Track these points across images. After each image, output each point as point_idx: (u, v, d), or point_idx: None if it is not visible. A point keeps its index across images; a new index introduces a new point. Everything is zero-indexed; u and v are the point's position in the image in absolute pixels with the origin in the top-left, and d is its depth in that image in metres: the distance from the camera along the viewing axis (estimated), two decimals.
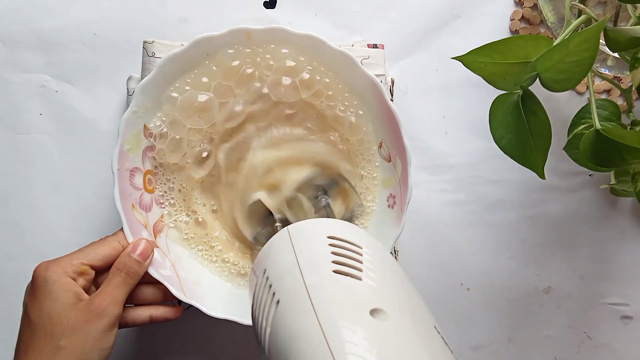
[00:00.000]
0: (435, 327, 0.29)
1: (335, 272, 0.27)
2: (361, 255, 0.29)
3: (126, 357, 0.51)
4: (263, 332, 0.27)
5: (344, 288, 0.26)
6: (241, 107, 0.43)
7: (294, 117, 0.45)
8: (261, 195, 0.43)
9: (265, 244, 0.32)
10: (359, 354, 0.23)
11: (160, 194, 0.45)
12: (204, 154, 0.44)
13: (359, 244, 0.29)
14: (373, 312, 0.25)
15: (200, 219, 0.45)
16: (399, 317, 0.26)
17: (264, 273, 0.28)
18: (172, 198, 0.45)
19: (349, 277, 0.27)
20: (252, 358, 0.51)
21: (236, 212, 0.45)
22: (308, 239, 0.29)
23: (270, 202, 0.43)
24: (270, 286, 0.27)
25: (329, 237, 0.29)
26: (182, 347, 0.51)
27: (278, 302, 0.26)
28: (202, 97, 0.42)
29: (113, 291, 0.40)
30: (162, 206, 0.45)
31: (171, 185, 0.45)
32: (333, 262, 0.27)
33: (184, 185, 0.45)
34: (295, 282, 0.26)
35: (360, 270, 0.27)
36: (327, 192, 0.43)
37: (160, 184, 0.45)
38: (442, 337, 0.29)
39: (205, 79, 0.43)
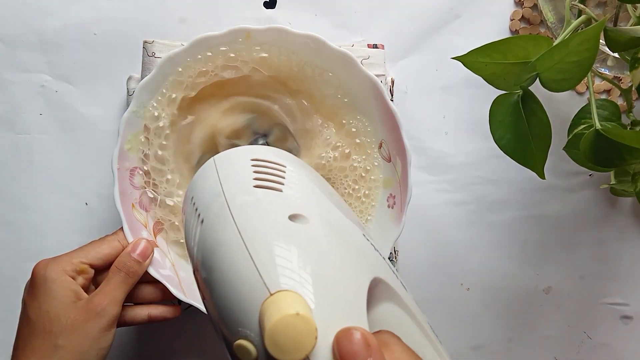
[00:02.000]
0: (364, 235, 0.29)
1: (256, 187, 0.27)
2: (284, 172, 0.29)
3: (126, 357, 0.51)
4: (192, 254, 0.28)
5: (262, 197, 0.27)
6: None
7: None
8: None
9: None
10: (277, 253, 0.24)
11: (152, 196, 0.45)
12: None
13: (282, 162, 0.30)
14: (292, 217, 0.26)
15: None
16: (319, 221, 0.27)
17: (192, 200, 0.29)
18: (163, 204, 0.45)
19: (269, 190, 0.27)
20: None
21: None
22: (231, 162, 0.30)
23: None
24: (197, 209, 0.28)
25: (252, 159, 0.29)
26: (181, 347, 0.51)
27: (202, 221, 0.27)
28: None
29: (112, 291, 0.40)
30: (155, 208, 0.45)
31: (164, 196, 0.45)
32: (255, 179, 0.28)
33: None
34: (216, 199, 0.27)
35: (281, 184, 0.28)
36: (266, 137, 0.45)
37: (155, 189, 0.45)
38: (372, 244, 0.29)
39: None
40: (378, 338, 0.24)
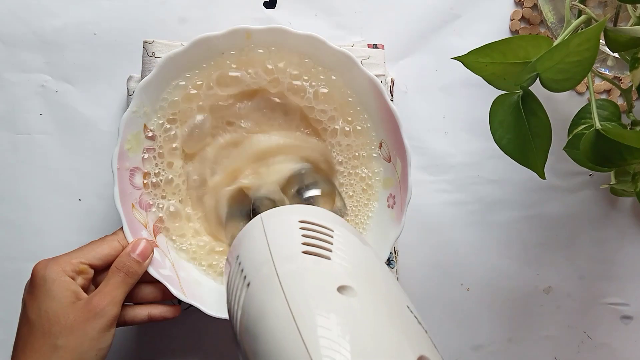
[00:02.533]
0: (408, 307, 0.29)
1: (305, 252, 0.27)
2: (332, 237, 0.29)
3: (125, 357, 0.51)
4: (235, 316, 0.27)
5: (311, 266, 0.26)
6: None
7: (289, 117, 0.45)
8: (245, 181, 0.44)
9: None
10: (324, 325, 0.24)
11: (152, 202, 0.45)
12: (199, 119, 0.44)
13: (330, 226, 0.29)
14: (341, 288, 0.25)
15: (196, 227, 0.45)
16: (367, 293, 0.26)
17: (237, 259, 0.29)
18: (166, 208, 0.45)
19: (317, 257, 0.27)
20: None
21: (219, 207, 0.45)
22: (279, 222, 0.29)
23: (252, 191, 0.44)
24: (242, 271, 0.28)
25: (300, 221, 0.29)
26: (181, 347, 0.51)
27: (249, 284, 0.27)
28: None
29: (112, 291, 0.40)
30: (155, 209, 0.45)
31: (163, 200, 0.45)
32: (303, 243, 0.27)
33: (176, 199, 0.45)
34: (264, 264, 0.26)
35: (329, 250, 0.27)
36: (310, 189, 0.43)
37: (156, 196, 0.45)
38: (415, 317, 0.29)
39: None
40: None
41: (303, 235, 0.28)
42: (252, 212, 0.42)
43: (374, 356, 0.24)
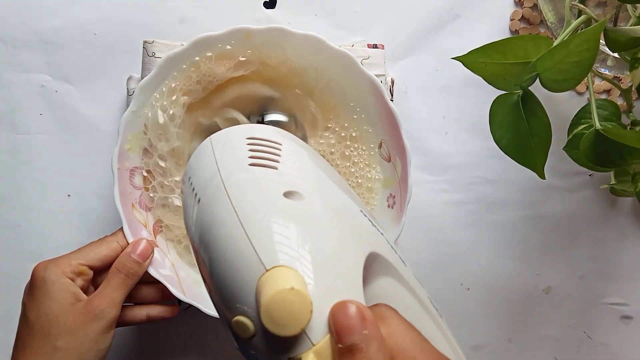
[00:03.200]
0: (362, 211, 0.29)
1: (252, 165, 0.27)
2: (280, 149, 0.29)
3: (125, 357, 0.51)
4: (190, 233, 0.28)
5: (257, 175, 0.27)
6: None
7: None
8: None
9: None
10: (272, 230, 0.24)
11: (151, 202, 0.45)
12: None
13: (278, 140, 0.30)
14: (287, 194, 0.26)
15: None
16: (315, 197, 0.27)
17: (189, 180, 0.29)
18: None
19: (264, 168, 0.27)
20: None
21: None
22: (227, 141, 0.30)
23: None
24: (193, 189, 0.28)
25: (248, 138, 0.29)
26: (181, 347, 0.51)
27: (199, 200, 0.27)
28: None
29: (111, 292, 0.40)
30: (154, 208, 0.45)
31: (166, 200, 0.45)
32: (250, 157, 0.28)
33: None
34: (212, 179, 0.27)
35: (277, 161, 0.28)
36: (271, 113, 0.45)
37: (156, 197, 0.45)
38: (369, 220, 0.29)
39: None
40: (374, 311, 0.24)
41: (250, 150, 0.28)
42: None
43: (321, 252, 0.24)
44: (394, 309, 0.26)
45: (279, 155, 0.29)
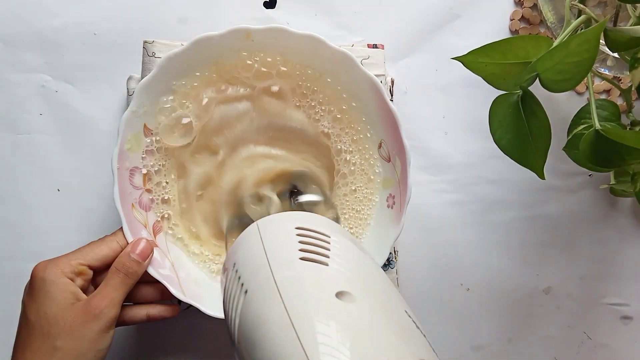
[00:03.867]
0: (407, 312, 0.29)
1: (302, 259, 0.27)
2: (329, 243, 0.29)
3: (125, 357, 0.51)
4: (233, 324, 0.27)
5: (309, 272, 0.26)
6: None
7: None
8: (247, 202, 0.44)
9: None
10: (323, 331, 0.24)
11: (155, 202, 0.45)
12: (184, 121, 0.43)
13: (327, 233, 0.29)
14: (339, 294, 0.25)
15: (193, 229, 0.45)
16: (366, 299, 0.26)
17: (234, 267, 0.29)
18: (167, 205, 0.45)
19: (315, 263, 0.27)
20: None
21: (220, 214, 0.45)
22: (276, 229, 0.29)
23: (252, 208, 0.44)
24: (239, 278, 0.28)
25: (297, 228, 0.29)
26: (181, 347, 0.51)
27: (246, 292, 0.26)
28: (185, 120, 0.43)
29: (111, 292, 0.40)
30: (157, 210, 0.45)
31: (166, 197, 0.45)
32: (300, 250, 0.27)
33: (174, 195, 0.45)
34: (261, 270, 0.26)
35: (327, 256, 0.27)
36: (304, 194, 0.44)
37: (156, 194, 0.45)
38: (413, 321, 0.29)
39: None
40: None
41: (300, 242, 0.28)
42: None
43: None
44: None
45: (328, 250, 0.28)
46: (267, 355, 0.24)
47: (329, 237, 0.29)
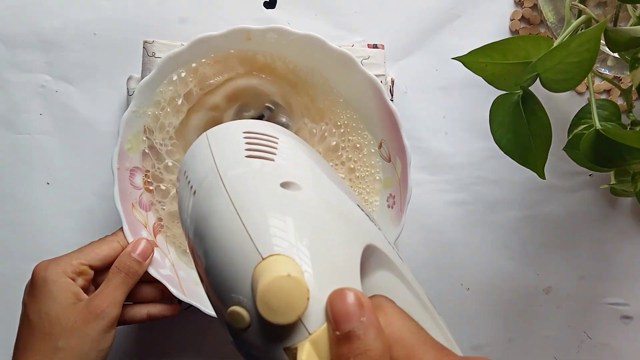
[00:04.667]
0: (359, 206, 0.29)
1: (248, 157, 0.27)
2: (276, 143, 0.29)
3: (125, 357, 0.51)
4: (185, 226, 0.28)
5: (254, 167, 0.27)
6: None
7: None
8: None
9: None
10: (269, 219, 0.24)
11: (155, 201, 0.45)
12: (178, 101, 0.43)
13: (274, 135, 0.30)
14: (284, 184, 0.26)
15: None
16: (312, 188, 0.27)
17: (184, 174, 0.29)
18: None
19: (261, 159, 0.27)
20: None
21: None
22: (223, 135, 0.30)
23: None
24: (189, 182, 0.28)
25: (245, 132, 0.29)
26: (181, 347, 0.51)
27: (195, 192, 0.27)
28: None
29: (112, 292, 0.40)
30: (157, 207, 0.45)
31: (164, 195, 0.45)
32: (247, 150, 0.28)
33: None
34: (208, 171, 0.27)
35: (274, 154, 0.28)
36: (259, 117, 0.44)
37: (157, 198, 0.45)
38: (366, 214, 0.29)
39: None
40: (372, 301, 0.24)
41: (247, 143, 0.28)
42: None
43: (318, 242, 0.24)
44: (391, 300, 0.26)
45: (275, 149, 0.29)
46: (216, 245, 0.24)
47: (277, 138, 0.30)
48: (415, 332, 0.24)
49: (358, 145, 0.45)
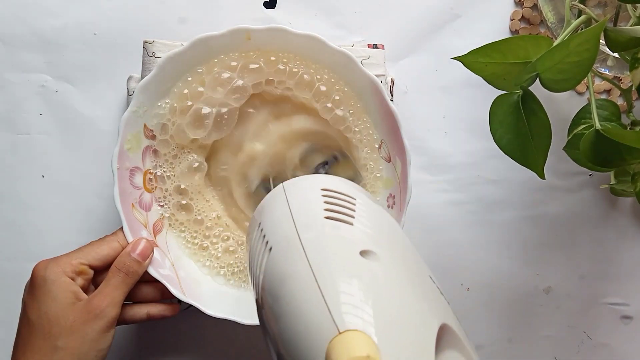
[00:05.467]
0: (431, 277, 0.29)
1: (327, 218, 0.27)
2: (354, 204, 0.29)
3: (125, 357, 0.51)
4: (257, 282, 0.27)
5: (334, 231, 0.26)
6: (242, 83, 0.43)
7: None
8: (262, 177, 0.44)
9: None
10: (347, 288, 0.24)
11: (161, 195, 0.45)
12: (205, 111, 0.43)
13: (351, 194, 0.29)
14: (363, 253, 0.25)
15: (199, 217, 0.45)
16: (390, 259, 0.26)
17: (259, 226, 0.29)
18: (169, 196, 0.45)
19: (340, 222, 0.27)
20: (251, 357, 0.51)
21: (236, 194, 0.45)
22: (302, 191, 0.29)
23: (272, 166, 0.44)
24: (264, 236, 0.28)
25: (323, 189, 0.29)
26: (181, 347, 0.51)
27: (271, 249, 0.26)
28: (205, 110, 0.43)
29: (112, 292, 0.40)
30: (160, 205, 0.45)
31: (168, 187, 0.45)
32: (325, 209, 0.27)
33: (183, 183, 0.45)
34: (287, 229, 0.26)
35: (352, 217, 0.27)
36: (326, 166, 0.44)
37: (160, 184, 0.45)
38: (437, 287, 0.29)
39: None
40: None
41: (325, 202, 0.28)
42: (273, 185, 0.43)
43: (397, 320, 0.23)
44: None
45: (353, 210, 0.28)
46: (290, 309, 0.24)
47: (354, 198, 0.29)
48: None
49: (358, 145, 0.45)
